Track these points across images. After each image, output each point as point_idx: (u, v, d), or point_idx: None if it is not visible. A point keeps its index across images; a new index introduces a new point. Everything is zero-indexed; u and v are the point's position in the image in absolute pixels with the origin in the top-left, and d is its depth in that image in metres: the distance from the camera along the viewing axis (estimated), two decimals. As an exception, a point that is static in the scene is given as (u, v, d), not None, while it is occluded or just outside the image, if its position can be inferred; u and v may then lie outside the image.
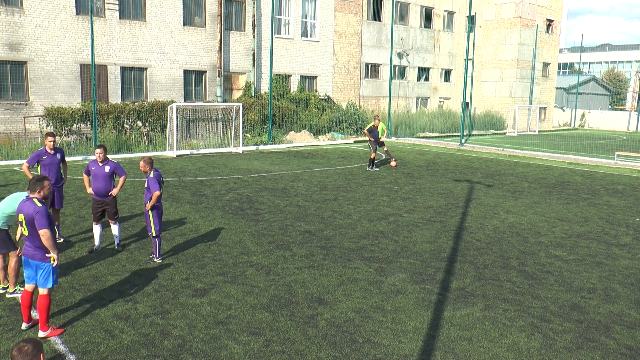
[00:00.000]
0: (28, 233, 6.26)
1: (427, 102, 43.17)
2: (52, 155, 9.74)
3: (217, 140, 26.40)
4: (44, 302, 6.28)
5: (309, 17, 33.60)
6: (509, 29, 41.85)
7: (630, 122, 51.70)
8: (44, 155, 9.67)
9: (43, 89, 23.30)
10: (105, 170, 9.24)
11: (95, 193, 9.28)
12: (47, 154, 9.69)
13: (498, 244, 10.50)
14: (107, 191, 9.29)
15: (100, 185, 9.20)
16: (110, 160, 9.37)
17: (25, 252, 6.38)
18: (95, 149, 9.25)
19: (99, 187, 9.21)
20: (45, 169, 9.67)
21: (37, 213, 6.15)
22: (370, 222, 11.91)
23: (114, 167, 9.30)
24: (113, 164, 9.33)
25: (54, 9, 23.20)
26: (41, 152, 9.67)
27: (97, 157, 9.23)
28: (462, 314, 7.17)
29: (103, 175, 9.20)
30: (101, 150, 9.25)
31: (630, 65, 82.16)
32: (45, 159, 9.67)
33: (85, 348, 6.01)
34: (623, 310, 7.42)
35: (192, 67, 27.98)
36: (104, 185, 9.23)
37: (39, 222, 6.12)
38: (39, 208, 6.20)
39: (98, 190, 9.24)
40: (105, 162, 9.27)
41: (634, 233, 11.68)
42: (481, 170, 20.70)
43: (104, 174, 9.21)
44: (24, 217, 6.24)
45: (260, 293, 7.69)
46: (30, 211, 6.20)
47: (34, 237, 6.25)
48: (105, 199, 9.32)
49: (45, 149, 9.70)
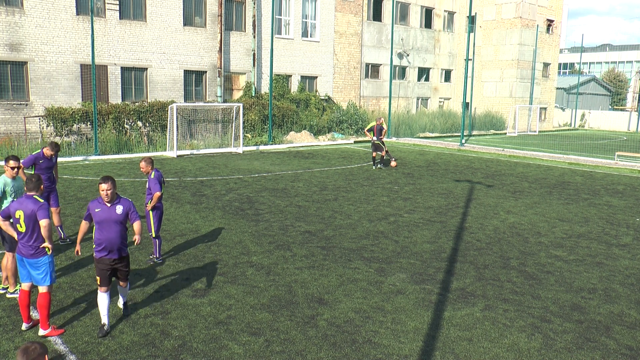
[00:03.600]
0: (25, 229, 6.29)
1: (428, 102, 43.16)
2: (48, 159, 9.77)
3: (217, 141, 26.40)
4: (45, 300, 6.30)
5: (309, 17, 33.60)
6: (509, 29, 41.84)
7: (631, 122, 51.68)
8: (41, 159, 9.66)
9: (43, 89, 23.30)
10: (117, 212, 6.45)
11: (101, 248, 6.44)
12: (45, 158, 9.70)
13: (498, 244, 10.50)
14: (120, 244, 6.50)
15: (111, 236, 6.40)
16: (123, 198, 6.61)
17: (19, 251, 6.40)
18: (100, 184, 6.37)
19: (110, 239, 6.40)
20: (41, 172, 9.66)
21: (41, 207, 6.34)
22: (371, 223, 11.91)
23: (127, 206, 6.55)
24: (127, 202, 6.60)
25: (55, 9, 23.21)
26: (38, 156, 9.65)
27: (102, 195, 6.39)
28: (462, 314, 7.17)
29: (114, 220, 6.42)
30: (109, 184, 6.36)
31: (631, 66, 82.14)
32: (42, 162, 9.67)
33: (85, 348, 6.01)
34: (623, 311, 7.42)
35: (192, 67, 27.98)
36: (116, 235, 6.44)
37: (41, 214, 6.30)
38: (41, 203, 6.39)
39: (109, 242, 6.41)
40: (115, 201, 6.51)
41: (634, 233, 11.68)
42: (481, 170, 20.70)
43: (115, 217, 6.43)
44: (24, 213, 6.30)
45: (260, 293, 7.69)
46: (31, 207, 6.33)
47: (31, 235, 6.33)
48: (117, 256, 6.51)
49: (43, 153, 9.69)
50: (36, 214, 6.29)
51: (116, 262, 6.51)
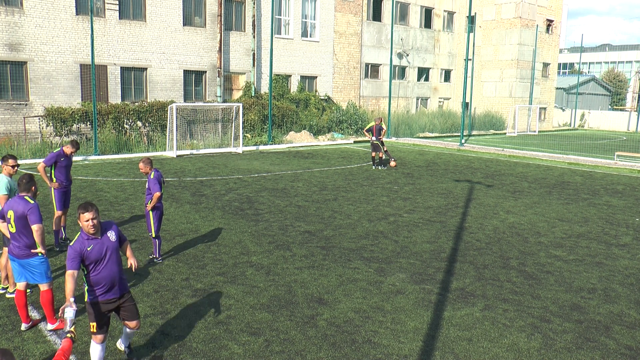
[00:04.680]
0: (15, 230, 6.27)
1: (427, 102, 43.17)
2: (68, 157, 9.87)
3: (217, 141, 26.40)
4: (47, 297, 6.32)
5: (309, 17, 33.60)
6: (509, 29, 41.85)
7: (630, 122, 51.69)
8: (62, 157, 9.76)
9: (43, 89, 23.30)
10: (112, 239, 5.30)
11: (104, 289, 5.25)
12: (65, 156, 9.79)
13: (498, 244, 10.50)
14: (121, 273, 5.37)
15: (113, 270, 5.25)
16: (104, 222, 5.38)
17: (11, 251, 6.39)
18: (81, 213, 5.09)
19: (112, 274, 5.25)
20: (61, 170, 9.74)
21: (30, 209, 6.21)
22: (370, 222, 11.91)
23: (116, 229, 5.43)
24: (111, 224, 5.43)
25: (54, 9, 23.21)
26: (59, 154, 9.75)
27: (87, 227, 5.11)
28: (462, 314, 7.17)
29: (113, 250, 5.28)
30: (92, 212, 5.09)
31: (630, 66, 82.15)
32: (63, 160, 9.76)
33: (85, 348, 6.01)
34: (623, 311, 7.42)
35: (192, 67, 27.98)
36: (117, 266, 5.31)
37: (32, 218, 6.18)
38: (31, 205, 6.27)
39: (111, 279, 5.24)
40: (104, 229, 5.29)
41: (633, 233, 11.68)
42: (481, 170, 20.70)
43: (113, 246, 5.30)
44: (14, 213, 6.26)
45: (260, 293, 7.69)
46: (21, 208, 6.24)
47: (21, 235, 6.28)
48: (119, 293, 5.35)
49: (63, 151, 9.78)
50: (27, 217, 6.20)
51: (121, 298, 5.35)
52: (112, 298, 5.28)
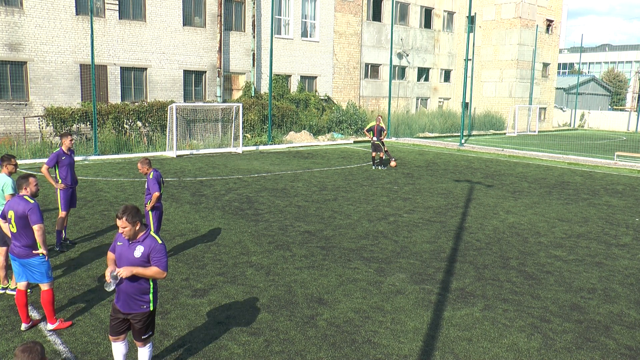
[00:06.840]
0: (16, 230, 6.27)
1: (427, 102, 43.17)
2: (69, 155, 9.71)
3: (217, 141, 26.39)
4: (48, 297, 6.32)
5: (308, 18, 33.60)
6: (509, 29, 41.86)
7: (630, 122, 51.70)
8: (62, 155, 9.61)
9: (43, 89, 23.29)
10: (136, 254, 4.95)
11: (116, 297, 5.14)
12: (65, 154, 9.65)
13: (498, 244, 10.50)
14: (134, 294, 5.02)
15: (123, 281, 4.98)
16: (150, 236, 5.01)
17: (12, 250, 6.38)
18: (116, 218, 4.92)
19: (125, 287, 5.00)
20: (64, 169, 9.59)
21: (30, 210, 6.20)
22: (370, 223, 11.91)
23: (149, 246, 4.96)
24: (151, 241, 4.98)
25: (54, 9, 23.20)
26: (59, 153, 9.61)
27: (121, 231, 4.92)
28: (462, 314, 7.17)
29: (130, 263, 4.95)
30: (123, 221, 4.83)
31: (630, 66, 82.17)
32: (64, 159, 9.62)
33: (85, 348, 6.01)
34: (623, 311, 7.42)
35: (192, 67, 27.98)
36: (129, 282, 4.98)
37: (33, 217, 6.17)
38: (31, 204, 6.25)
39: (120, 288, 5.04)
40: (139, 239, 4.98)
41: (633, 233, 11.68)
42: (481, 170, 20.70)
43: (131, 260, 4.96)
44: (14, 213, 6.25)
45: (260, 293, 7.69)
46: (21, 208, 6.22)
47: (22, 235, 6.27)
48: (132, 311, 5.06)
49: (62, 150, 9.63)
50: (27, 216, 6.19)
51: (129, 315, 5.08)
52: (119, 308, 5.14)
